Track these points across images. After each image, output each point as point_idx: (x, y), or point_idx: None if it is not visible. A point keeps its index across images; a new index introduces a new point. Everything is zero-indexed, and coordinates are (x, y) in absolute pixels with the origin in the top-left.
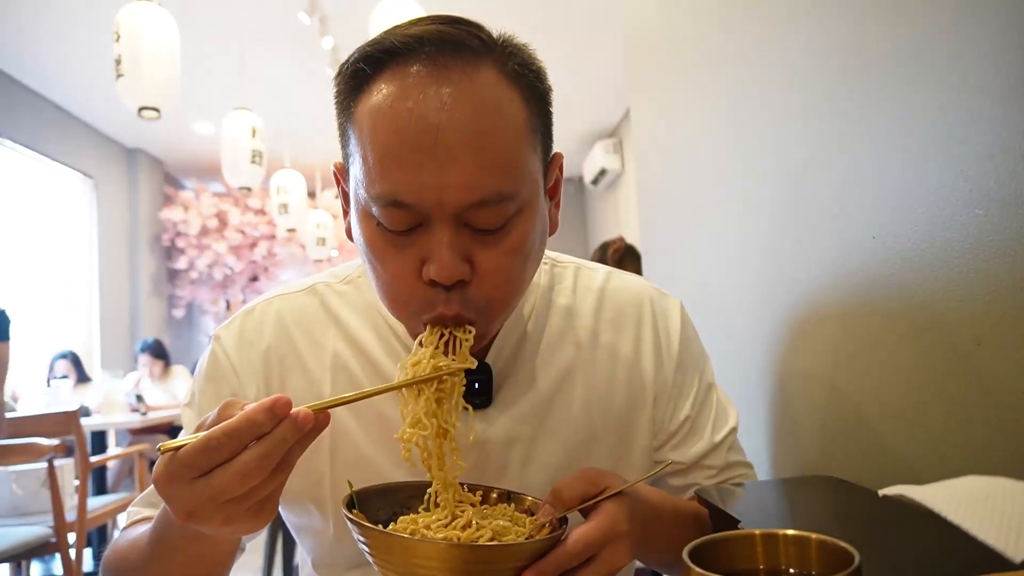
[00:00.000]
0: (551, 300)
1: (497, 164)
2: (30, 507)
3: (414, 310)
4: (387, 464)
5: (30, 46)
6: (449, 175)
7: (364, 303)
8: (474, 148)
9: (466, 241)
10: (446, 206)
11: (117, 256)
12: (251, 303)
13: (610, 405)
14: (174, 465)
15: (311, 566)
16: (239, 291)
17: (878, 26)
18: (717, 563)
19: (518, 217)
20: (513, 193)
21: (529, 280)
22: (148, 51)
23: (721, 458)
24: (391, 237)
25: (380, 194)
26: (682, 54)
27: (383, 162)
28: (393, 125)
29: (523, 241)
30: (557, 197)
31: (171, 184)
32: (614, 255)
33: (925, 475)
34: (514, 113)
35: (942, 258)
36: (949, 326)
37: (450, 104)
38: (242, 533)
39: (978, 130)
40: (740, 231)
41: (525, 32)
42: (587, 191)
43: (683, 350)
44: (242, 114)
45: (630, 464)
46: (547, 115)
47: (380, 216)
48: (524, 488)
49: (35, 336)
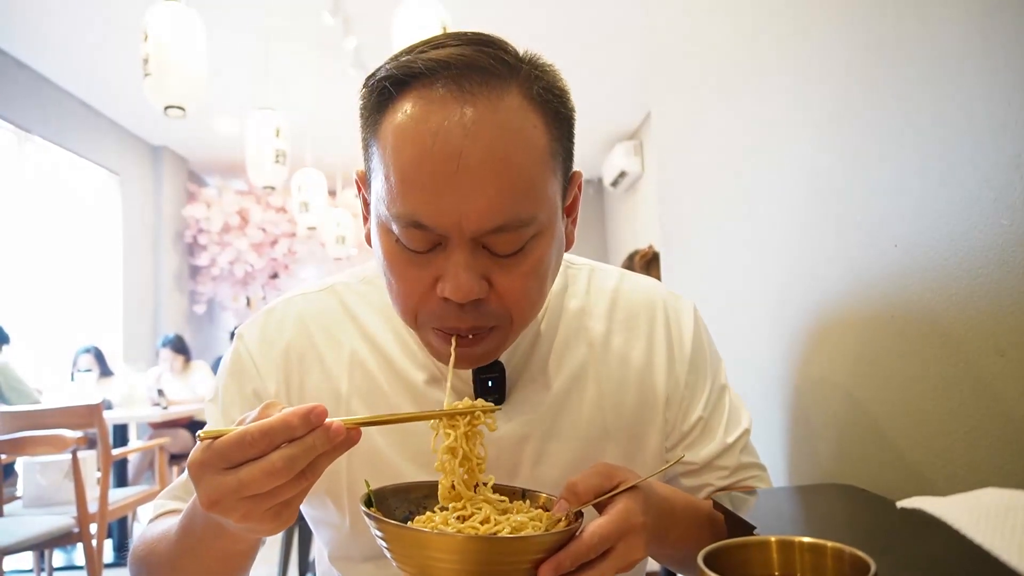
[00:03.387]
0: (564, 301)
1: (517, 191)
2: (54, 497)
3: (423, 320)
4: (402, 461)
5: (60, 45)
6: (470, 201)
7: (382, 303)
8: (495, 175)
9: (483, 263)
10: (465, 230)
11: (141, 252)
12: (273, 303)
13: (622, 405)
14: (208, 453)
15: (327, 559)
16: (259, 288)
17: (905, 34)
18: (732, 569)
19: (535, 240)
20: (531, 219)
21: (546, 295)
22: (175, 51)
23: (734, 459)
24: (409, 255)
25: (400, 214)
26: (705, 57)
27: (405, 183)
28: (416, 148)
29: (539, 263)
30: (574, 214)
31: (194, 181)
32: (641, 261)
33: (943, 486)
34: (536, 139)
35: (965, 268)
36: (971, 337)
37: (473, 130)
38: (260, 534)
39: (1004, 139)
40: (761, 237)
41: (548, 34)
42: (606, 193)
43: (695, 351)
44: (266, 114)
45: (642, 464)
46: (569, 138)
47: (400, 235)
48: (536, 486)
49: (60, 330)
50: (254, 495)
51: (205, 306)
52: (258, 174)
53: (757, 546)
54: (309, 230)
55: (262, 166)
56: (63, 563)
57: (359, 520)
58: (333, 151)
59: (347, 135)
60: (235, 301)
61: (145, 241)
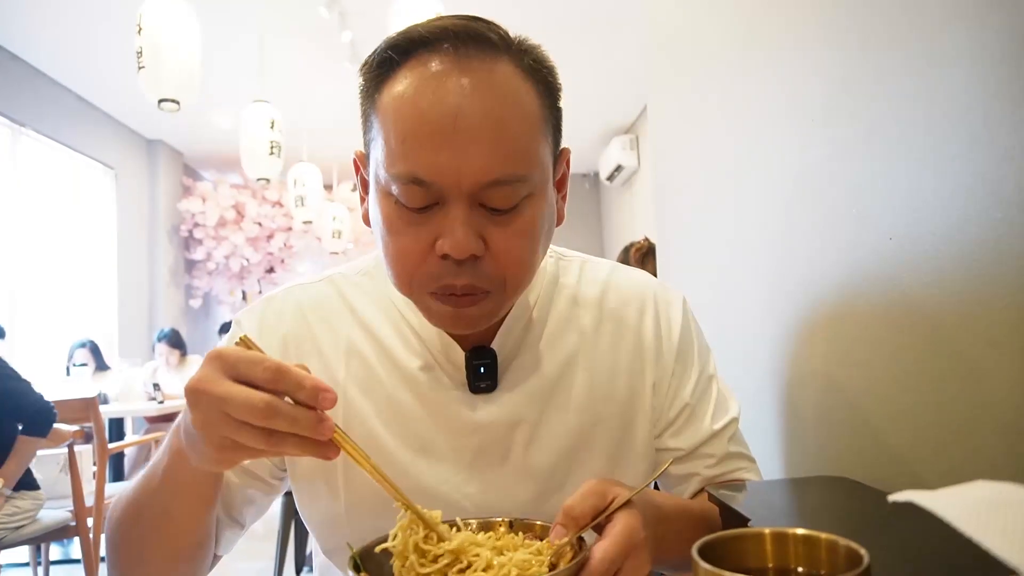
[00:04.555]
0: (556, 290)
1: (512, 148)
2: (50, 492)
3: (420, 282)
4: (396, 444)
5: (54, 37)
6: (467, 156)
7: (378, 293)
8: (491, 132)
9: (480, 220)
10: (463, 185)
11: (136, 246)
12: (272, 292)
13: (612, 390)
14: (219, 360)
15: (323, 553)
16: (255, 282)
17: (898, 26)
18: (727, 561)
19: (529, 200)
20: (526, 176)
21: (539, 262)
22: (169, 44)
23: (721, 447)
24: (408, 215)
25: (400, 173)
26: (700, 51)
27: (405, 143)
28: (416, 109)
29: (533, 223)
30: (564, 190)
31: (190, 175)
32: (636, 254)
33: (936, 478)
34: (529, 104)
35: (959, 261)
36: (965, 329)
37: (470, 91)
38: (205, 460)
39: (997, 133)
40: (756, 230)
41: (544, 27)
42: (603, 187)
43: (683, 340)
44: (261, 106)
45: (631, 449)
46: (558, 110)
47: (399, 194)
48: (527, 471)
49: (55, 324)
50: (226, 414)
51: (201, 300)
52: (252, 166)
53: (751, 538)
54: (305, 224)
55: (256, 158)
56: (59, 556)
57: (354, 504)
58: (329, 145)
59: (343, 129)
60: (231, 295)
61: (140, 235)
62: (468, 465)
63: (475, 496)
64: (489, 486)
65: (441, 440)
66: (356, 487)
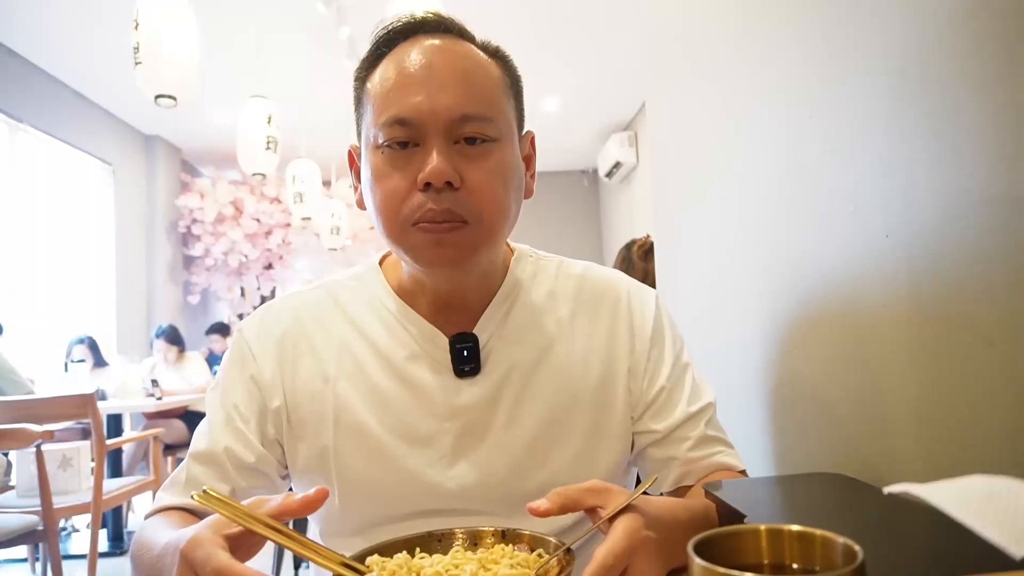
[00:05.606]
0: (534, 284)
1: (477, 91)
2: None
3: (405, 217)
4: (383, 432)
5: (51, 34)
6: (440, 98)
7: (368, 294)
8: (459, 79)
9: (455, 157)
10: (438, 121)
11: (134, 242)
12: (271, 301)
13: (588, 373)
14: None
15: (319, 536)
16: (254, 278)
17: (895, 23)
18: (722, 557)
19: (497, 146)
20: (491, 117)
21: (511, 209)
22: (166, 39)
23: (698, 430)
24: (393, 158)
25: (385, 121)
26: (700, 48)
27: (388, 97)
28: (398, 69)
29: (502, 166)
30: (532, 169)
31: (188, 171)
32: (639, 251)
33: (932, 474)
34: (493, 71)
35: (955, 258)
36: (961, 326)
37: (440, 51)
38: None
39: (991, 132)
40: (754, 227)
41: (543, 24)
42: (601, 184)
43: (656, 330)
44: (258, 102)
45: (607, 430)
46: (519, 94)
47: (385, 137)
48: (506, 448)
49: (53, 321)
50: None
51: (199, 297)
52: (248, 161)
53: (747, 534)
54: (303, 221)
55: (253, 153)
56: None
57: (346, 497)
58: (327, 141)
59: (341, 126)
60: (229, 291)
61: (138, 231)
62: (451, 448)
63: (458, 477)
64: (471, 466)
65: (425, 425)
66: (347, 478)
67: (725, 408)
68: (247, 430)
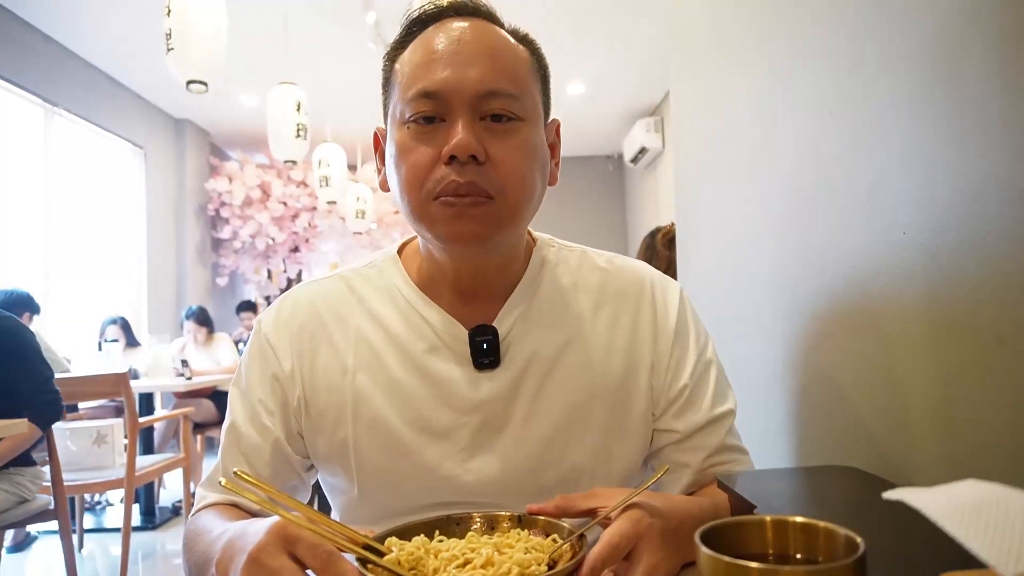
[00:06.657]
0: (557, 275)
1: (503, 68)
2: (83, 462)
3: (428, 190)
4: (401, 425)
5: (85, 19)
6: (467, 72)
7: (385, 284)
8: (486, 55)
9: (481, 132)
10: (464, 95)
11: (164, 225)
12: (288, 292)
13: (609, 368)
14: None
15: (339, 520)
16: (280, 261)
17: (916, 20)
18: (728, 546)
19: (523, 124)
20: (517, 94)
21: (535, 189)
22: (197, 26)
23: (717, 438)
24: (418, 132)
25: (413, 95)
26: (724, 36)
27: (416, 70)
28: (426, 48)
29: (528, 145)
30: (557, 157)
31: (217, 155)
32: (663, 239)
33: (946, 468)
34: (519, 51)
35: (971, 256)
36: (973, 325)
37: (469, 30)
38: None
39: (1012, 131)
40: (772, 219)
41: (570, 7)
42: (627, 169)
43: (680, 325)
44: (287, 88)
45: (626, 425)
46: (546, 81)
47: (412, 111)
48: (525, 443)
49: (87, 301)
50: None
51: (228, 279)
52: (280, 148)
53: (752, 525)
54: (329, 204)
55: (283, 140)
56: (92, 525)
57: (365, 489)
58: (353, 126)
59: (367, 110)
60: (257, 273)
61: (169, 214)
62: (470, 441)
63: (476, 470)
64: (489, 460)
65: (444, 418)
66: (366, 470)
67: (742, 400)
68: (272, 424)
